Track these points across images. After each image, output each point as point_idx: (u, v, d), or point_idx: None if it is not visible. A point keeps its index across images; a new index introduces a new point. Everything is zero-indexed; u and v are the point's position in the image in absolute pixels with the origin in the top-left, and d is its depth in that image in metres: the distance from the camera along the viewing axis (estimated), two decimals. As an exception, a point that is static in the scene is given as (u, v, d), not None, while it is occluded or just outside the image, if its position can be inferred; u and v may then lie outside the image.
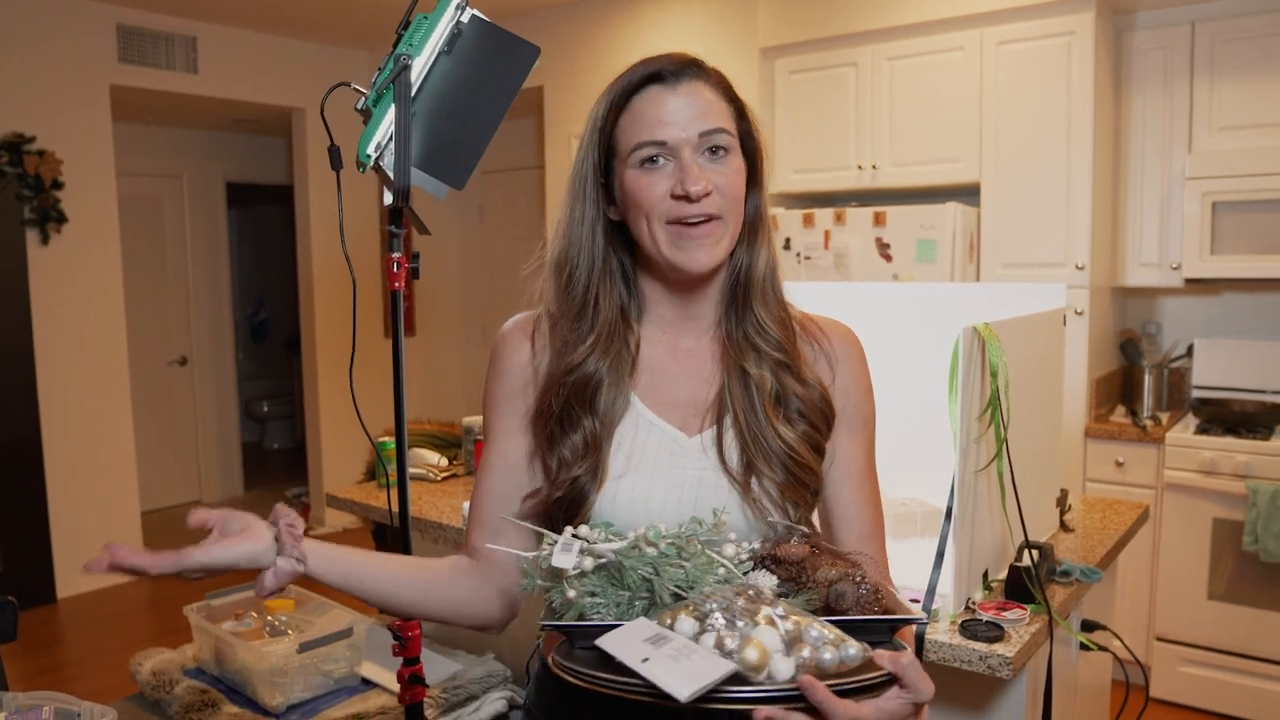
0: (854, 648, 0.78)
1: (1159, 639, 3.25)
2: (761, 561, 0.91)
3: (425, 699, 1.64)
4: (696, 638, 0.78)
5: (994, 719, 1.65)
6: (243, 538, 0.92)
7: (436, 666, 2.12)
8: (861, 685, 0.76)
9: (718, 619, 0.78)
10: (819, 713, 0.74)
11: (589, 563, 0.88)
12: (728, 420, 1.03)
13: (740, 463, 1.02)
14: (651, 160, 0.98)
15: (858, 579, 0.87)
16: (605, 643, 0.80)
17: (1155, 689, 3.25)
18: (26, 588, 4.36)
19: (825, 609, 0.86)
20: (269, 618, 2.18)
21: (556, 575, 0.89)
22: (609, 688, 0.77)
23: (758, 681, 0.75)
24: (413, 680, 1.54)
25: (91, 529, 4.65)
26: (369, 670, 2.10)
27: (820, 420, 1.05)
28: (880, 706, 0.77)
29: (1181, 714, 3.20)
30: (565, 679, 0.81)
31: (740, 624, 0.77)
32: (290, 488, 6.53)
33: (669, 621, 0.81)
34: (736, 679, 0.74)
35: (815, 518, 1.11)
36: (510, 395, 1.09)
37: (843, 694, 0.75)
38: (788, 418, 1.03)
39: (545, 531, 0.94)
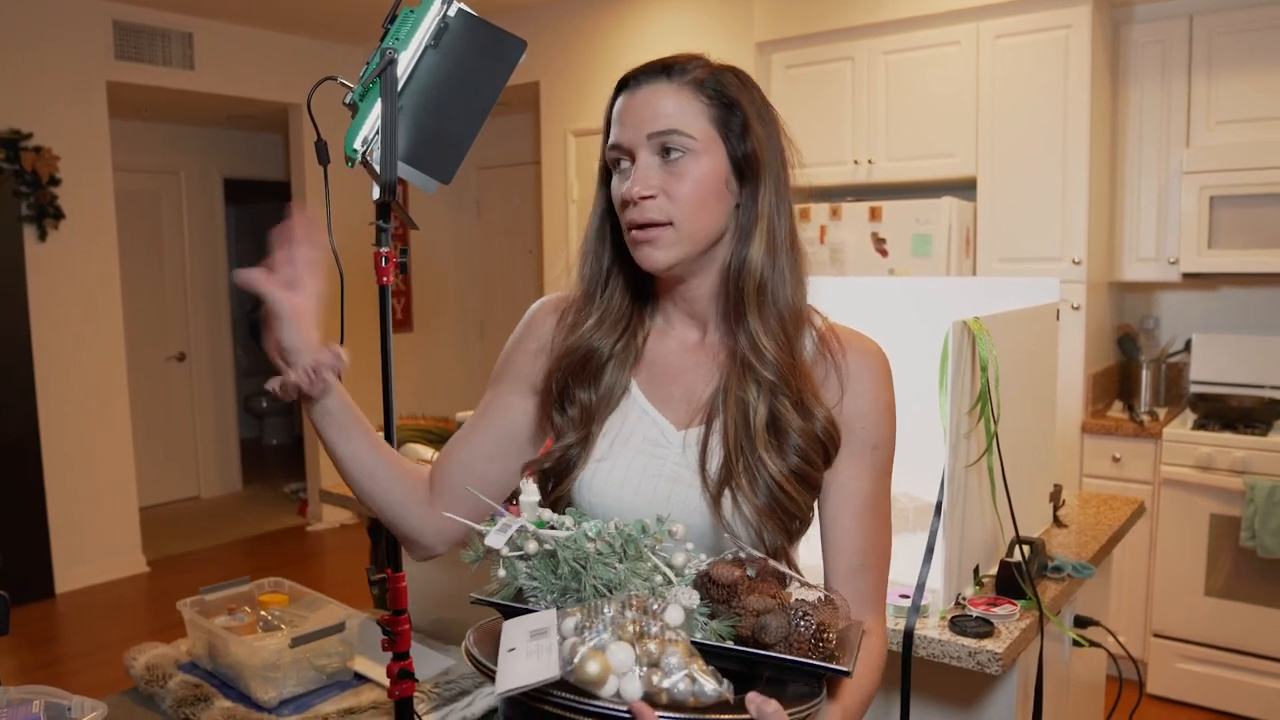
0: (710, 686, 0.76)
1: (1156, 635, 3.25)
2: (700, 579, 0.88)
3: (417, 694, 1.64)
4: (568, 639, 0.80)
5: (984, 715, 1.65)
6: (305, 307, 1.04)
7: (429, 662, 2.12)
8: None
9: (597, 626, 0.79)
10: None
11: (533, 545, 0.89)
12: (716, 424, 1.01)
13: (719, 473, 0.98)
14: (618, 164, 1.02)
15: (796, 615, 0.82)
16: (505, 625, 0.83)
17: (1152, 685, 3.24)
18: (25, 583, 4.37)
19: (750, 639, 0.83)
20: (262, 613, 2.18)
21: (494, 554, 0.91)
22: (481, 668, 0.82)
23: (602, 695, 0.75)
24: (402, 675, 1.54)
25: (89, 524, 4.66)
26: (361, 665, 2.10)
27: (819, 453, 0.99)
28: None
29: (1178, 710, 3.20)
30: (466, 657, 0.86)
31: (605, 636, 0.77)
32: (288, 484, 6.53)
33: (565, 615, 0.82)
34: (565, 686, 0.76)
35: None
36: (526, 358, 1.13)
37: None
38: (781, 449, 0.97)
39: (497, 508, 0.95)
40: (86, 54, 4.48)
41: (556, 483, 1.04)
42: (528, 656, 0.76)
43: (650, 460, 1.02)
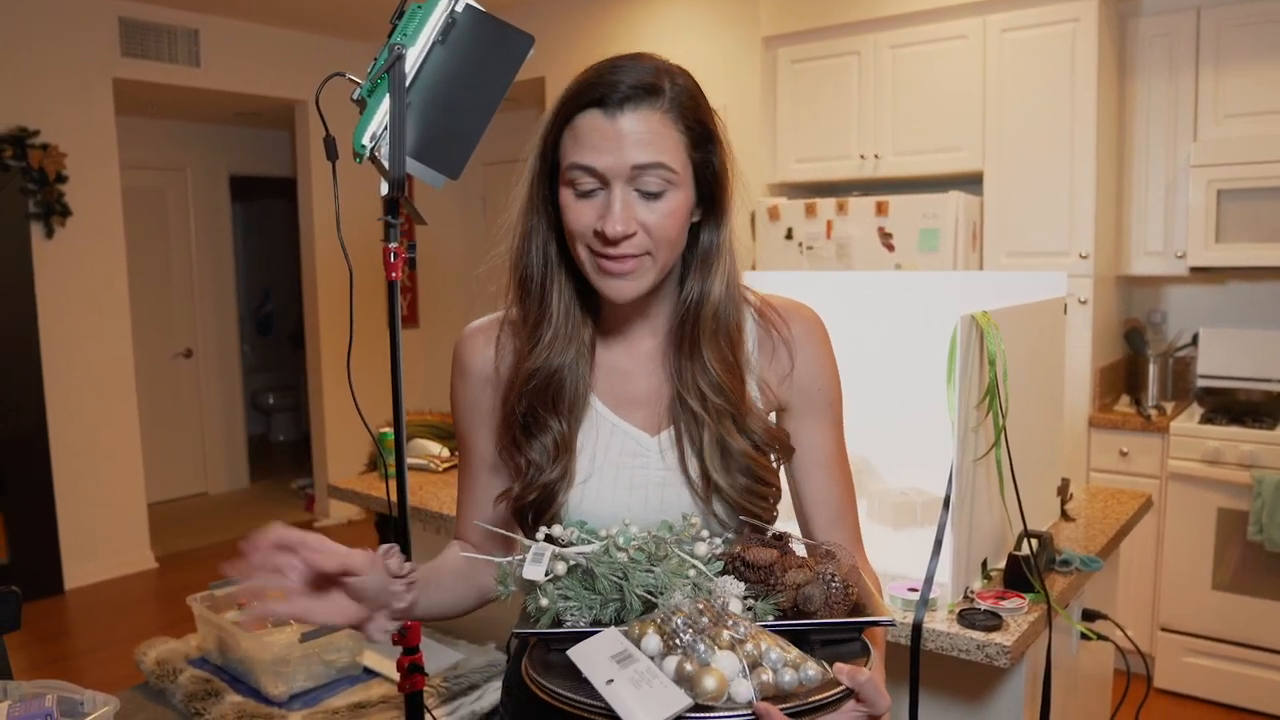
0: (813, 669, 0.79)
1: (1163, 629, 3.24)
2: (731, 563, 0.91)
3: (426, 688, 1.64)
4: (660, 658, 0.80)
5: (993, 708, 1.65)
6: (342, 599, 0.89)
7: (438, 656, 2.13)
8: (817, 705, 0.78)
9: (682, 639, 0.79)
10: None
11: (561, 566, 0.89)
12: (684, 422, 1.04)
13: (699, 471, 1.02)
14: (581, 186, 0.95)
15: (827, 578, 0.87)
16: (575, 655, 0.82)
17: (1159, 679, 3.24)
18: (34, 579, 4.39)
19: (794, 610, 0.87)
20: (271, 608, 2.18)
21: (531, 584, 0.91)
22: (572, 706, 0.79)
23: (717, 707, 0.76)
24: (412, 669, 1.55)
25: (98, 520, 4.68)
26: (371, 660, 2.11)
27: (765, 457, 1.04)
28: None
29: (1185, 704, 3.19)
30: (535, 692, 0.82)
31: (701, 648, 0.78)
32: (295, 479, 6.55)
33: (637, 633, 0.82)
34: (695, 706, 0.76)
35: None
36: (476, 398, 1.10)
37: (799, 714, 0.76)
38: (728, 468, 1.01)
39: (520, 538, 0.95)
40: (92, 51, 4.49)
41: (541, 510, 1.02)
42: (636, 686, 0.76)
43: (635, 472, 1.03)
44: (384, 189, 1.37)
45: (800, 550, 0.97)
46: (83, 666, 3.75)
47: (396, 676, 1.59)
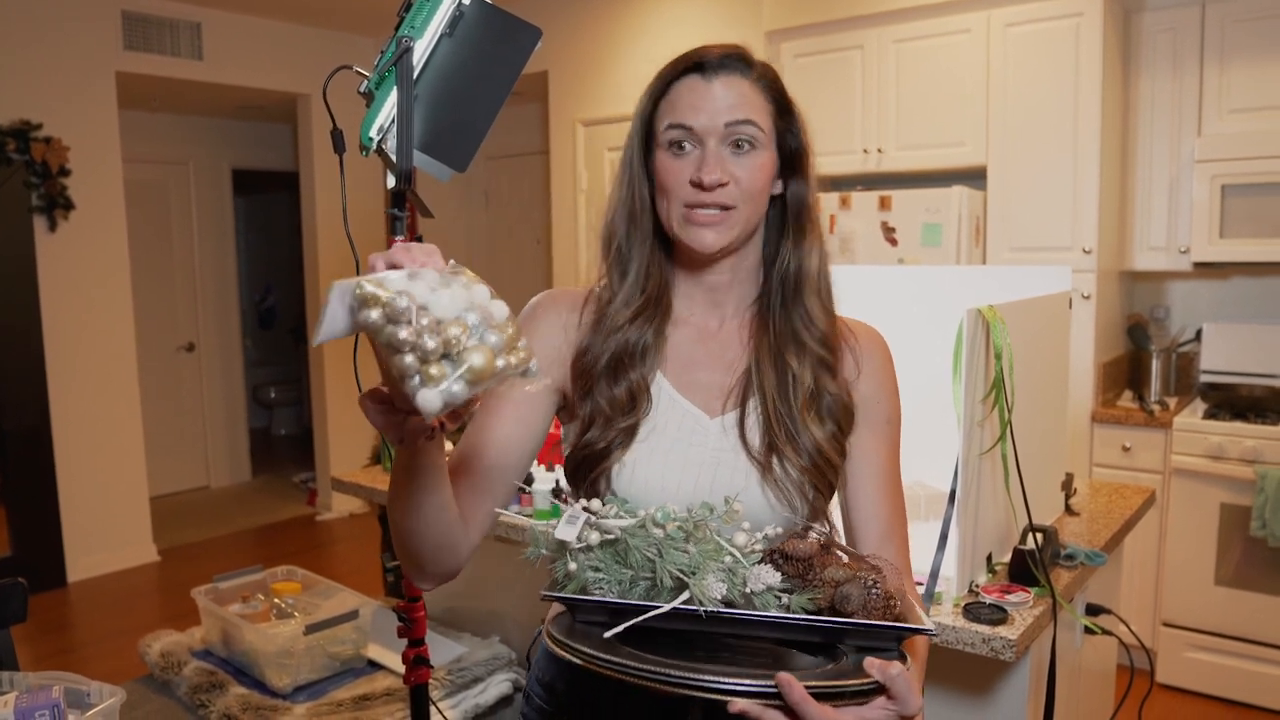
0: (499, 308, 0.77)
1: (1165, 624, 3.25)
2: (770, 555, 0.89)
3: (430, 680, 1.65)
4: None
5: (997, 701, 1.65)
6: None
7: (442, 649, 2.13)
8: (843, 690, 0.75)
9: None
10: (795, 714, 0.72)
11: (595, 537, 0.87)
12: (752, 403, 1.04)
13: (763, 444, 1.02)
14: (679, 145, 1.01)
15: (869, 583, 0.84)
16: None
17: (1161, 674, 3.25)
18: (37, 571, 4.40)
19: (830, 609, 0.84)
20: (276, 600, 2.19)
21: (562, 547, 0.89)
22: (605, 667, 0.77)
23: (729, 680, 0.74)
24: (417, 661, 1.55)
25: (100, 513, 4.69)
26: (375, 652, 2.12)
27: (846, 421, 1.06)
28: (862, 715, 0.75)
29: (1187, 699, 3.20)
30: (561, 654, 0.81)
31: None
32: (297, 473, 6.56)
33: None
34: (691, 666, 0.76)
35: (836, 513, 1.10)
36: (541, 347, 1.05)
37: (823, 696, 0.73)
38: (819, 416, 1.03)
39: (557, 503, 0.94)
40: (95, 44, 4.49)
41: (588, 472, 1.02)
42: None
43: (690, 448, 1.03)
44: (390, 182, 1.37)
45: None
46: (86, 659, 3.76)
47: (401, 669, 1.59)
